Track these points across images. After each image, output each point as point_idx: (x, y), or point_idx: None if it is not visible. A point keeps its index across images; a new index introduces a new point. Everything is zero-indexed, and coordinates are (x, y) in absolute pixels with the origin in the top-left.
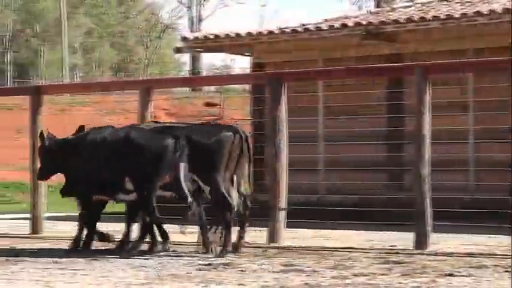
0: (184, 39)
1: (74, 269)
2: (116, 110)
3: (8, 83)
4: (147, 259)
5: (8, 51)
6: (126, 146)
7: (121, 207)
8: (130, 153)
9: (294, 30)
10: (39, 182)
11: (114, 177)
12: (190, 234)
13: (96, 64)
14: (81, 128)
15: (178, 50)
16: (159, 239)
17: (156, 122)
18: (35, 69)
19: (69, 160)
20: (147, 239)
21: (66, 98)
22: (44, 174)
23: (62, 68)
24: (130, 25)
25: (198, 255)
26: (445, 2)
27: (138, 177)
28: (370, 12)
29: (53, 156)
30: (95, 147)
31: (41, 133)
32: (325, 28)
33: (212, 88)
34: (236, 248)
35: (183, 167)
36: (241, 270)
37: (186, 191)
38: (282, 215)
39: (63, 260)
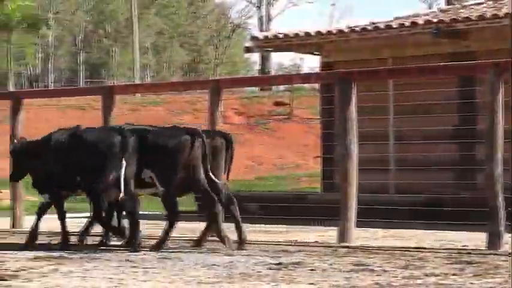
0: (253, 38)
1: (146, 268)
2: (187, 109)
3: (81, 83)
4: (218, 258)
5: (80, 52)
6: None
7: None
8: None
9: (364, 29)
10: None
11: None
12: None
13: (167, 64)
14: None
15: (247, 50)
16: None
17: (130, 124)
18: (106, 69)
19: (37, 160)
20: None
21: (137, 98)
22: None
23: (133, 68)
24: (200, 25)
25: (269, 254)
26: None
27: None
28: (441, 10)
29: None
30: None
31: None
32: (395, 26)
33: (281, 87)
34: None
35: (124, 166)
36: (312, 270)
37: (132, 189)
38: (352, 214)
39: (135, 258)
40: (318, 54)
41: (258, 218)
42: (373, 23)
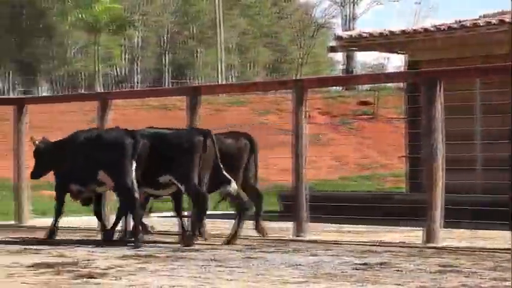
0: (338, 38)
1: (231, 267)
2: (271, 109)
3: (166, 84)
4: (304, 258)
5: (166, 53)
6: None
7: None
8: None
9: (450, 28)
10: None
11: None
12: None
13: (251, 64)
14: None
15: (332, 49)
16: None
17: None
18: (191, 70)
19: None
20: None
21: (222, 98)
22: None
23: (218, 69)
24: (284, 25)
25: (354, 254)
26: None
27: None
28: None
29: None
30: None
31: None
32: (482, 24)
33: (366, 87)
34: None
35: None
36: (398, 270)
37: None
38: (438, 215)
39: (221, 257)
40: (403, 53)
41: (343, 218)
42: (459, 21)
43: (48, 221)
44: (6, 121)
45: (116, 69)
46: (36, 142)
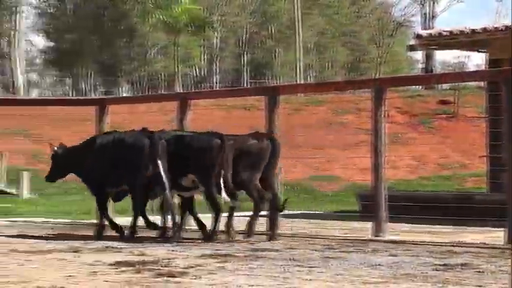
0: (417, 36)
1: (311, 267)
2: (350, 109)
3: (244, 84)
4: (383, 258)
5: (244, 53)
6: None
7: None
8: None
9: None
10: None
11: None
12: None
13: (329, 64)
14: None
15: (411, 48)
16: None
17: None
18: (270, 69)
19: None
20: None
21: (300, 98)
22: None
23: (296, 68)
24: (362, 24)
25: (434, 255)
26: None
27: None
28: None
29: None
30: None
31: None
32: None
33: (445, 85)
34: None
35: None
36: (479, 272)
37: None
38: None
39: (300, 257)
40: (484, 52)
41: (423, 218)
42: None
43: (127, 220)
44: (88, 121)
45: (195, 69)
46: (55, 148)
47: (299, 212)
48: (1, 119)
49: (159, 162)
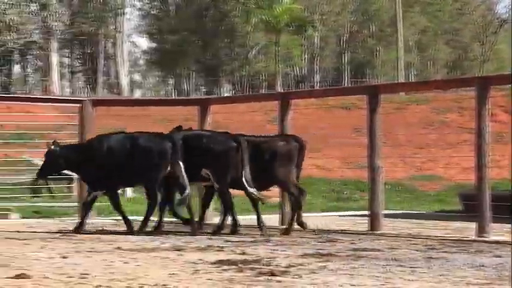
0: None
1: (413, 267)
2: (452, 108)
3: (345, 83)
4: (487, 259)
5: (345, 52)
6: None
7: None
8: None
9: None
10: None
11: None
12: None
13: (431, 62)
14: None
15: None
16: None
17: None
18: (371, 68)
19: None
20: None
21: (402, 97)
22: None
23: (397, 67)
24: (465, 21)
25: None
26: None
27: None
28: None
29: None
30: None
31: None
32: None
33: None
34: None
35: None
36: None
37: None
38: None
39: (402, 257)
40: None
41: None
42: None
43: (229, 219)
44: (190, 121)
45: (296, 69)
46: (52, 147)
47: (401, 211)
48: (106, 118)
49: (180, 163)
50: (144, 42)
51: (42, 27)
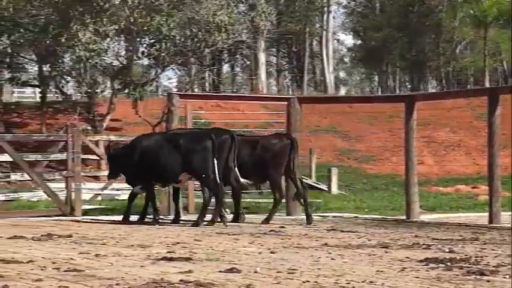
0: None
1: None
2: None
3: None
4: None
5: None
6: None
7: None
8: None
9: None
10: None
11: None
12: None
13: None
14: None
15: None
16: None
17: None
18: None
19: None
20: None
21: None
22: None
23: None
24: None
25: None
26: None
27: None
28: None
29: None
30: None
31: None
32: None
33: None
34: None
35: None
36: None
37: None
38: None
39: None
40: None
41: None
42: None
43: (436, 217)
44: (395, 118)
45: (504, 64)
46: (110, 148)
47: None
48: (313, 116)
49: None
50: (349, 40)
51: (250, 27)
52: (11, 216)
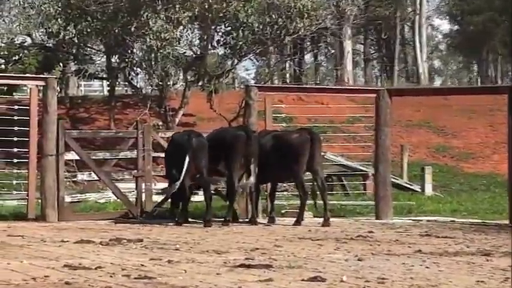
0: None
1: None
2: None
3: None
4: None
5: None
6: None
7: None
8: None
9: None
10: None
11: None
12: None
13: None
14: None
15: None
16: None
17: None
18: None
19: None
20: None
21: None
22: None
23: None
24: None
25: None
26: None
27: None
28: None
29: None
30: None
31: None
32: None
33: None
34: None
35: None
36: None
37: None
38: None
39: None
40: None
41: None
42: None
43: None
44: (497, 111)
45: None
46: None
47: None
48: (405, 110)
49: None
50: (445, 25)
51: (335, 12)
52: (78, 219)
